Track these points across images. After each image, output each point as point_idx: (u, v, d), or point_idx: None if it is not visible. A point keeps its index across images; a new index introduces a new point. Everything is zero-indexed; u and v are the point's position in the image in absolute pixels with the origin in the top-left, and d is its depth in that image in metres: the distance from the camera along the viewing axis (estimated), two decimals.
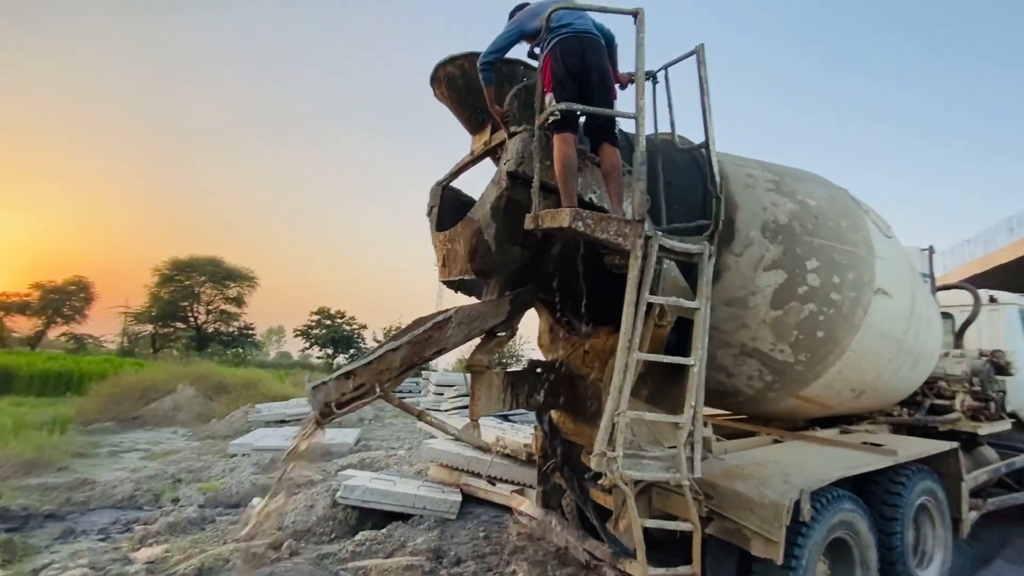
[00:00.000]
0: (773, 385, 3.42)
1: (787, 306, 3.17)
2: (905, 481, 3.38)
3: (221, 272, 34.10)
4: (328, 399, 2.71)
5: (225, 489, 5.82)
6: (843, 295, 3.25)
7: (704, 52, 2.70)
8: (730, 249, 3.13)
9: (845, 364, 3.43)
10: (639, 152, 2.42)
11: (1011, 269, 18.68)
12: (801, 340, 3.24)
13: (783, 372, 3.35)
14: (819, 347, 3.30)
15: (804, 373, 3.39)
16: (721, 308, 3.11)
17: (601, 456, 2.33)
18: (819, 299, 3.19)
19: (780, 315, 3.17)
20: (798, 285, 3.16)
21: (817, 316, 3.20)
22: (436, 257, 3.31)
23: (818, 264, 3.20)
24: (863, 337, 3.39)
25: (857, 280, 3.32)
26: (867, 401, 4.06)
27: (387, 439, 9.92)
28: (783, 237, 3.17)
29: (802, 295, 3.17)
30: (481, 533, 4.40)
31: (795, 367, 3.33)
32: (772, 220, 3.19)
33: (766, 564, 2.62)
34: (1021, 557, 4.48)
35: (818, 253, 3.22)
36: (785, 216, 3.22)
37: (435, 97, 3.33)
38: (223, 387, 14.41)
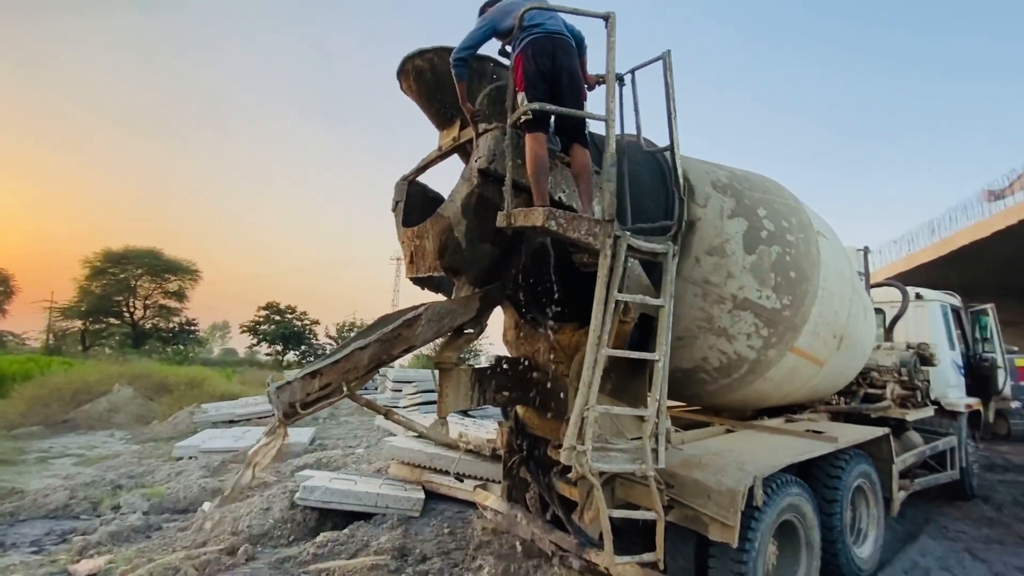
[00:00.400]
0: (771, 340, 3.47)
1: (758, 250, 3.36)
2: (844, 465, 3.64)
3: (160, 265, 32.17)
4: (293, 399, 2.64)
5: (172, 494, 5.53)
6: (795, 236, 3.53)
7: (671, 58, 2.79)
8: (695, 201, 3.30)
9: (821, 304, 3.65)
10: (609, 154, 2.48)
11: (932, 268, 20.32)
12: (780, 283, 3.42)
13: (776, 321, 3.45)
14: (796, 287, 3.49)
15: (792, 318, 3.52)
16: (705, 259, 3.28)
17: (571, 450, 2.38)
18: (780, 241, 3.44)
19: (755, 259, 3.35)
20: (759, 230, 3.38)
21: (784, 256, 3.44)
22: (403, 253, 3.27)
23: (766, 212, 3.47)
24: (825, 274, 3.66)
25: (799, 224, 3.64)
26: (845, 357, 4.29)
27: (343, 438, 9.70)
28: (731, 191, 3.45)
29: (766, 239, 3.39)
30: (446, 529, 4.39)
31: (783, 313, 3.46)
32: (716, 180, 3.47)
33: (722, 548, 2.76)
34: (943, 532, 4.91)
35: (762, 203, 3.50)
36: (725, 177, 3.54)
37: (401, 90, 3.27)
38: (164, 386, 13.65)
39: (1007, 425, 12.61)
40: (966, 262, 19.03)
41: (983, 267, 19.43)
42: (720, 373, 3.60)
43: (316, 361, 2.87)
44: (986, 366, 7.03)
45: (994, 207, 17.66)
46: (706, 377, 3.62)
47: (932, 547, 4.45)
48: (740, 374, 3.61)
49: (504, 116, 2.80)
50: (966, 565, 4.10)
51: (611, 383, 2.95)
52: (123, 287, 31.06)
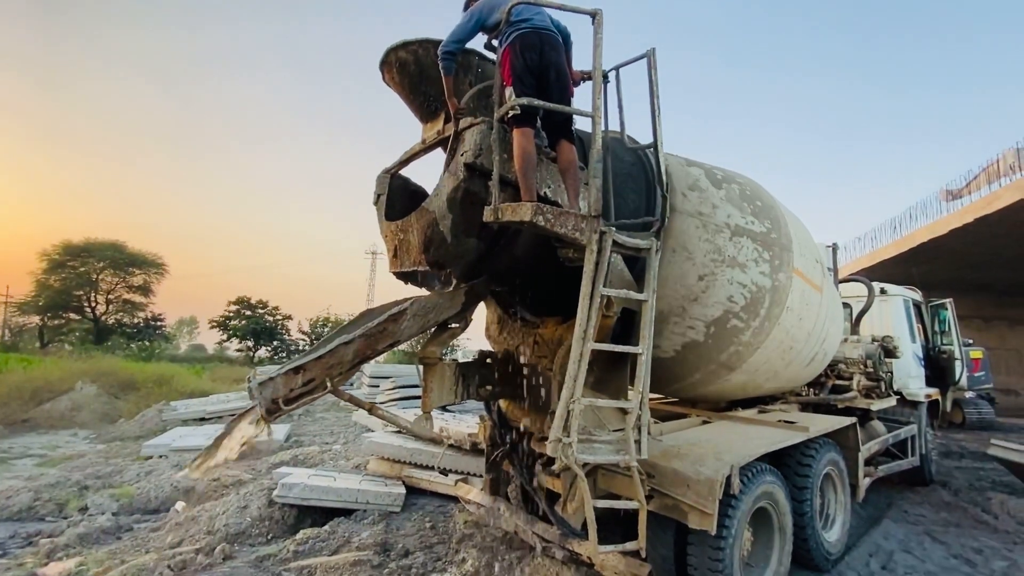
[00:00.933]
0: (774, 262, 3.53)
1: (723, 186, 3.61)
2: (814, 454, 3.78)
3: (123, 258, 30.95)
4: (276, 395, 2.60)
5: (142, 494, 5.38)
6: (743, 179, 3.84)
7: (655, 56, 2.83)
8: None
9: (794, 227, 3.92)
10: (596, 150, 2.51)
11: (895, 264, 21.13)
12: (755, 209, 3.63)
13: (769, 243, 3.54)
14: (769, 212, 3.71)
15: (780, 239, 3.63)
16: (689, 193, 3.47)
17: (557, 442, 2.42)
18: (735, 180, 3.73)
19: (725, 193, 3.58)
20: (715, 173, 3.66)
21: (745, 190, 3.71)
22: (386, 247, 3.24)
23: (711, 165, 3.77)
24: (783, 206, 3.99)
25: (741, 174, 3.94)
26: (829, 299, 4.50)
27: (320, 434, 9.58)
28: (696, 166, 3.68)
29: (722, 179, 3.65)
30: (427, 524, 4.40)
31: (771, 235, 3.58)
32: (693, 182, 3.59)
33: (701, 535, 2.85)
34: (904, 516, 5.16)
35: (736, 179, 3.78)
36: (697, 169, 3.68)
37: (384, 82, 3.23)
38: (131, 384, 13.22)
39: (963, 414, 13.32)
40: (926, 258, 19.86)
41: (942, 263, 20.30)
42: (749, 312, 3.49)
43: (299, 356, 2.83)
44: (944, 358, 7.39)
45: (951, 206, 18.47)
46: (739, 322, 3.48)
47: (895, 530, 4.67)
48: (766, 308, 3.53)
49: (490, 110, 2.80)
50: (926, 547, 4.32)
51: (593, 376, 2.98)
52: (84, 281, 29.81)
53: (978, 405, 13.45)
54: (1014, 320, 23.16)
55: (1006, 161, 16.18)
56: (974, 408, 13.32)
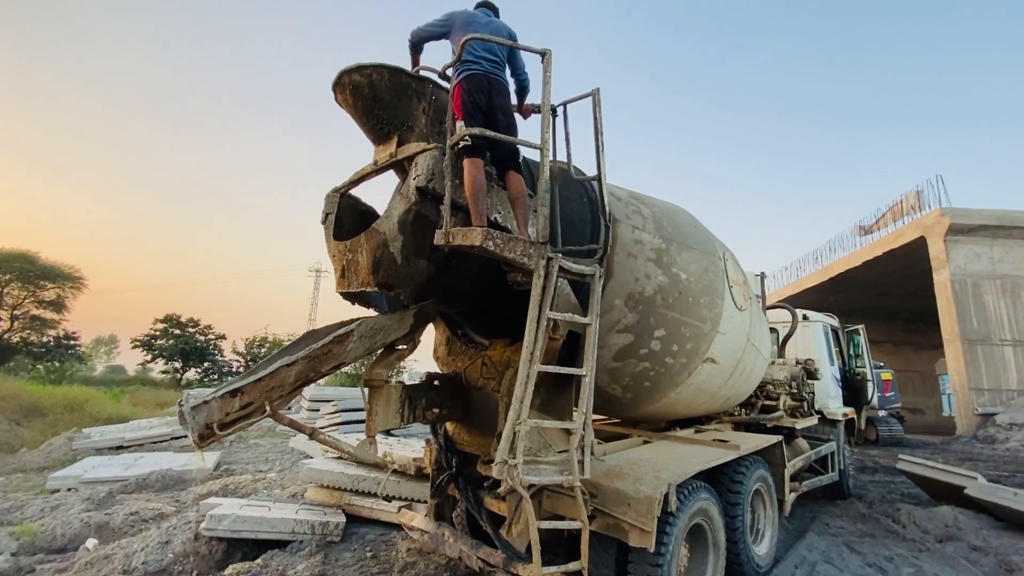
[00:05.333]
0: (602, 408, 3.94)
1: (626, 360, 3.59)
2: (745, 471, 3.99)
3: (34, 270, 28.27)
4: (210, 420, 2.47)
5: (47, 532, 4.87)
6: (676, 360, 3.74)
7: (599, 95, 3.01)
8: None
9: (661, 405, 4.08)
10: (544, 180, 2.63)
11: (817, 292, 22.86)
12: (631, 384, 3.76)
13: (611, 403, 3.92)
14: (644, 393, 3.87)
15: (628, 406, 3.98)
16: None
17: (503, 464, 2.44)
18: (655, 361, 3.66)
19: (619, 366, 3.61)
20: (640, 347, 3.56)
21: (648, 372, 3.71)
22: (333, 267, 3.20)
23: (664, 333, 3.59)
24: (682, 391, 4.02)
25: (693, 350, 3.79)
26: None
27: (254, 461, 9.04)
28: (643, 308, 3.47)
29: (642, 355, 3.60)
30: (368, 553, 4.25)
31: (622, 401, 3.91)
32: (639, 292, 3.46)
33: (640, 553, 2.93)
34: (826, 529, 5.50)
35: (668, 325, 3.58)
36: (652, 289, 3.49)
37: (336, 102, 3.24)
38: (35, 409, 12.00)
39: (876, 431, 14.42)
40: (843, 287, 21.63)
41: (857, 292, 22.19)
42: None
43: (236, 378, 2.71)
44: (858, 379, 8.04)
45: (864, 240, 20.32)
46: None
47: (817, 542, 4.97)
48: None
49: (443, 136, 2.87)
50: (845, 557, 4.63)
51: (539, 398, 3.04)
52: None
53: (889, 423, 14.61)
54: (919, 344, 25.54)
55: (908, 202, 18.04)
56: (886, 426, 14.46)
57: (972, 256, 15.96)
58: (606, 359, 3.51)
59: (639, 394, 3.86)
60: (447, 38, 3.09)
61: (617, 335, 3.48)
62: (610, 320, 3.42)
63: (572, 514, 2.87)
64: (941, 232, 15.84)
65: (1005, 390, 15.15)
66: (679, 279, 3.64)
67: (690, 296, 3.70)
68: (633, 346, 3.54)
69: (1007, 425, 13.72)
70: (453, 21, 3.05)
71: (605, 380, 3.66)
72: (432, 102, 3.06)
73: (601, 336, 3.33)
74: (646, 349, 3.58)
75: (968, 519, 5.42)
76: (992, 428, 13.99)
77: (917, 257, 17.07)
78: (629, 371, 3.63)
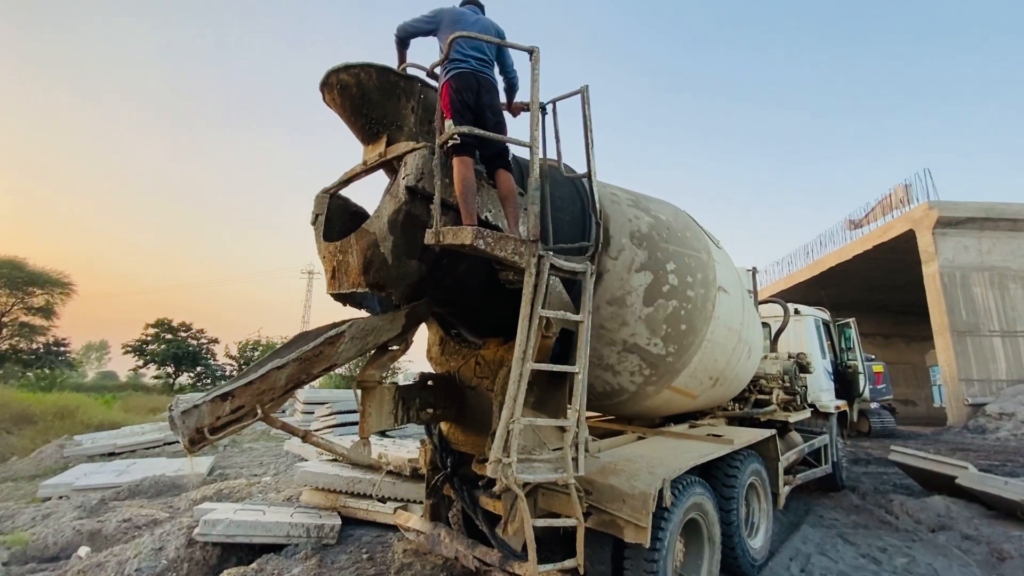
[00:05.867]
0: (651, 378, 3.80)
1: (656, 303, 3.60)
2: (739, 465, 4.01)
3: (22, 276, 27.90)
4: (200, 424, 2.45)
5: (38, 540, 4.82)
6: (696, 292, 3.80)
7: (588, 92, 3.00)
8: (607, 254, 3.47)
9: (703, 353, 3.99)
10: (533, 178, 2.62)
11: (807, 286, 23.02)
12: (670, 333, 3.70)
13: (658, 364, 3.76)
14: (684, 338, 3.79)
15: (674, 364, 3.83)
16: (604, 307, 3.45)
17: (497, 463, 2.44)
18: (679, 296, 3.69)
19: (652, 311, 3.59)
20: (662, 284, 3.62)
21: (679, 311, 3.70)
22: (324, 268, 3.18)
23: (675, 266, 3.68)
24: (715, 327, 4.00)
25: (704, 279, 3.89)
26: (720, 390, 4.72)
27: (247, 465, 8.99)
28: (647, 244, 3.60)
29: (666, 293, 3.63)
30: (364, 555, 4.23)
31: (667, 359, 3.77)
32: (636, 230, 3.61)
33: (636, 549, 2.94)
34: (820, 521, 5.55)
35: (674, 257, 3.71)
36: (645, 227, 3.67)
37: (325, 102, 3.22)
38: (25, 417, 11.85)
39: (868, 423, 14.54)
40: (834, 281, 21.81)
41: (847, 286, 22.37)
42: (603, 396, 3.99)
43: (227, 382, 2.69)
44: (850, 372, 8.11)
45: (854, 234, 20.49)
46: (589, 397, 3.72)
47: (812, 535, 5.01)
48: (620, 400, 4.02)
49: (432, 136, 2.86)
50: (839, 548, 4.67)
51: (533, 396, 3.05)
52: None
53: (881, 415, 14.75)
54: (909, 337, 25.80)
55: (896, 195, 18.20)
56: (878, 418, 14.60)
57: (960, 248, 16.14)
58: (637, 307, 3.52)
59: (680, 341, 3.77)
60: (434, 35, 3.07)
61: (637, 275, 3.52)
62: (626, 260, 3.50)
63: (567, 512, 2.87)
64: (929, 225, 16.01)
65: (994, 380, 15.34)
66: (660, 219, 3.84)
67: (676, 231, 3.88)
68: (655, 284, 3.57)
69: (997, 415, 13.89)
70: (441, 18, 3.03)
71: (645, 336, 3.60)
72: (421, 101, 3.05)
73: (622, 279, 3.47)
74: (667, 285, 3.62)
75: (960, 508, 5.48)
76: (982, 418, 14.16)
77: (906, 250, 17.24)
78: (662, 315, 3.61)
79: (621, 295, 3.50)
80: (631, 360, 3.68)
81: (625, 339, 3.57)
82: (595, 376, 3.71)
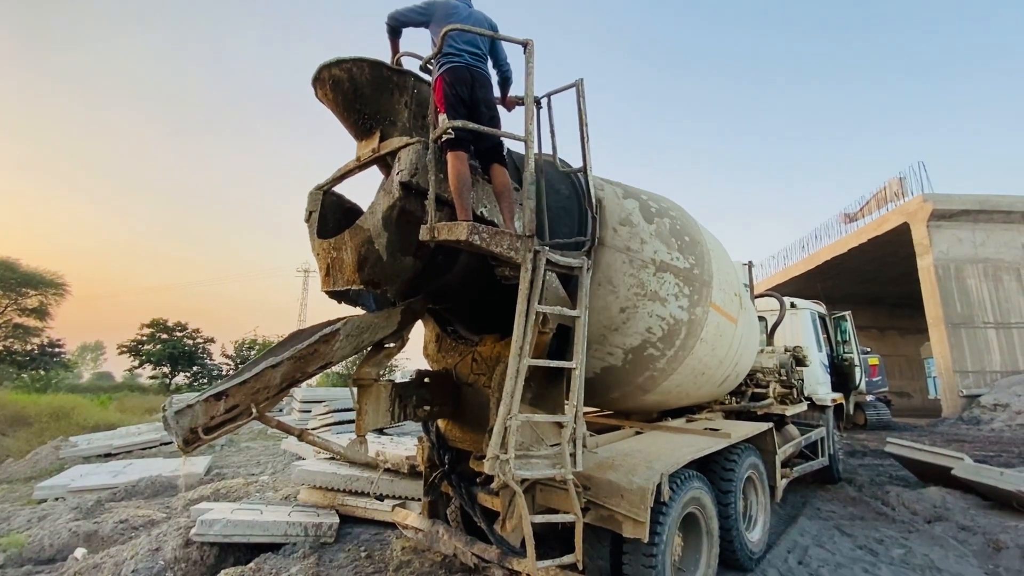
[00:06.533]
0: (693, 297, 3.75)
1: (654, 220, 3.70)
2: (737, 458, 4.02)
3: (15, 278, 27.69)
4: (194, 424, 2.42)
5: (34, 542, 4.79)
6: (676, 212, 4.00)
7: (583, 86, 2.98)
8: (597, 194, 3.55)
9: (716, 261, 4.09)
10: (529, 172, 2.60)
11: (803, 280, 23.10)
12: (681, 245, 3.76)
13: (691, 279, 3.75)
14: (694, 248, 3.87)
15: (702, 275, 3.84)
16: (620, 228, 3.53)
17: (495, 459, 2.43)
18: (666, 214, 3.84)
19: (655, 228, 3.68)
20: (649, 207, 3.78)
21: (675, 224, 3.84)
22: (318, 266, 3.15)
23: (647, 196, 3.87)
24: (708, 237, 4.19)
25: (673, 205, 4.10)
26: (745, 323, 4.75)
27: (245, 465, 8.97)
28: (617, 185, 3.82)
29: (656, 212, 3.79)
30: (363, 553, 4.22)
31: (694, 271, 3.78)
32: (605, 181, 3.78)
33: (634, 543, 2.94)
34: (817, 513, 5.57)
35: (642, 193, 3.89)
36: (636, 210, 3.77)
37: (317, 98, 3.19)
38: (20, 419, 11.78)
39: (864, 416, 14.62)
40: (830, 275, 21.87)
41: (843, 279, 22.45)
42: (665, 343, 3.69)
43: (222, 381, 2.67)
44: (846, 365, 8.13)
45: (849, 228, 20.56)
46: (655, 351, 3.67)
47: (809, 527, 5.03)
48: (682, 339, 3.75)
49: (425, 131, 2.83)
50: (836, 540, 4.69)
51: (531, 392, 3.04)
52: None
53: (877, 407, 14.83)
54: (904, 329, 25.94)
55: (891, 188, 18.25)
56: (873, 410, 14.68)
57: (955, 241, 16.21)
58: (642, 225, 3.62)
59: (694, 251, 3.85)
60: (426, 27, 3.03)
61: (626, 201, 3.68)
62: (613, 192, 3.69)
63: (566, 507, 2.87)
64: (924, 218, 16.06)
65: (989, 372, 15.44)
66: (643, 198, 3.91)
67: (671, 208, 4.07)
68: (644, 208, 3.73)
69: (991, 406, 13.99)
70: (434, 10, 2.99)
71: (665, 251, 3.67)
72: (414, 95, 3.02)
73: (618, 204, 3.59)
74: (654, 206, 3.81)
75: (956, 499, 5.51)
76: (977, 409, 14.26)
77: (901, 243, 17.30)
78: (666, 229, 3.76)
79: (625, 216, 3.61)
80: (668, 281, 3.62)
81: (653, 258, 3.57)
82: (649, 314, 3.55)
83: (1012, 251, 16.35)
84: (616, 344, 3.58)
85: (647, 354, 3.66)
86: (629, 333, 3.54)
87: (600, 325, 3.48)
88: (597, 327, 3.47)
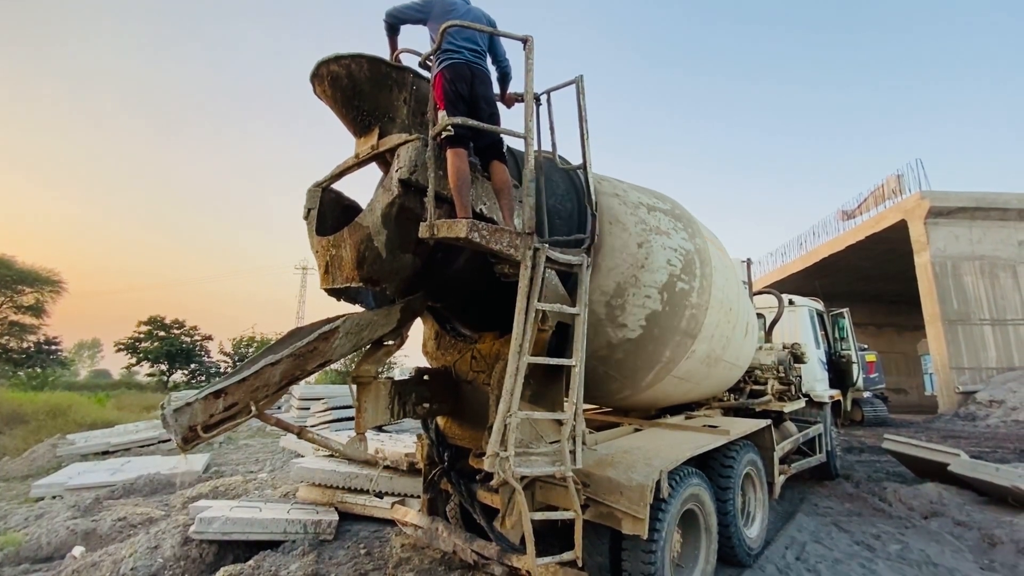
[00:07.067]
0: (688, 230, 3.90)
1: (640, 190, 3.85)
2: (735, 455, 4.03)
3: (11, 275, 27.56)
4: (193, 422, 2.41)
5: (31, 541, 4.77)
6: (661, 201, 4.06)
7: (583, 83, 2.97)
8: None
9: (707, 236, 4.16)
10: (529, 169, 2.59)
11: (801, 277, 23.15)
12: (673, 213, 3.89)
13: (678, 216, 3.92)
14: (686, 220, 3.98)
15: (685, 214, 4.01)
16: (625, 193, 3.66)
17: (495, 456, 2.43)
18: (652, 193, 3.95)
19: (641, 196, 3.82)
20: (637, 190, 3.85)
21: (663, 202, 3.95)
22: (317, 263, 3.14)
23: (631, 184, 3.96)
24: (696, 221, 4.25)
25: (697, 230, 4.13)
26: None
27: (243, 462, 8.96)
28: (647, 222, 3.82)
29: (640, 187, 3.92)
30: (362, 550, 4.23)
31: (675, 211, 3.94)
32: None
33: (634, 540, 2.94)
34: (815, 509, 5.59)
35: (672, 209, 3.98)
36: None
37: (315, 94, 3.17)
38: (18, 416, 11.74)
39: (861, 412, 14.68)
40: (827, 272, 21.92)
41: (841, 276, 22.50)
42: (688, 273, 3.72)
43: (220, 379, 2.66)
44: (844, 362, 8.16)
45: (847, 225, 20.60)
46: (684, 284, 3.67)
47: (807, 523, 5.05)
48: (699, 267, 3.84)
49: (425, 127, 2.82)
50: (833, 536, 4.71)
51: (530, 390, 3.03)
52: None
53: (874, 404, 14.89)
54: (901, 326, 26.04)
55: (889, 186, 18.28)
56: (871, 407, 14.74)
57: (952, 238, 16.26)
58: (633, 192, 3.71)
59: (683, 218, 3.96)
60: (424, 24, 3.01)
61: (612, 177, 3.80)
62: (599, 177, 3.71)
63: (565, 504, 2.87)
64: (921, 215, 16.10)
65: (985, 368, 15.52)
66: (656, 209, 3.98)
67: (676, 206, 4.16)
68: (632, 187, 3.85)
69: (987, 402, 14.07)
70: (431, 7, 2.97)
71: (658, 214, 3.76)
72: (413, 92, 3.00)
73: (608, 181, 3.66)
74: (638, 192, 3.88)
75: (952, 495, 5.54)
76: (973, 406, 14.34)
77: (899, 240, 17.35)
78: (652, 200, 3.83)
79: (619, 182, 3.75)
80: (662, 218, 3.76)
81: (639, 200, 3.70)
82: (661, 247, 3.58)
83: (1008, 248, 16.42)
84: (649, 284, 3.51)
85: (679, 289, 3.65)
86: (654, 268, 3.51)
87: (628, 264, 3.44)
88: (626, 267, 3.43)
